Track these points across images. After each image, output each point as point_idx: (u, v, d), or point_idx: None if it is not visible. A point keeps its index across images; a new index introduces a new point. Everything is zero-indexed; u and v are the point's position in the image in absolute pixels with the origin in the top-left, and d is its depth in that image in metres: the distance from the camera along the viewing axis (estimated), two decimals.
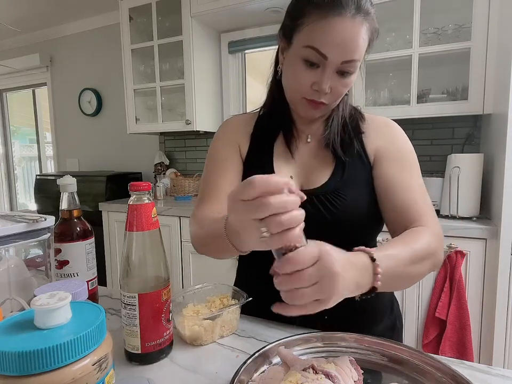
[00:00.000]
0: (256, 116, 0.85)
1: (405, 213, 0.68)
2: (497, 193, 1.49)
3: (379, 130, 0.77)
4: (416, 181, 0.72)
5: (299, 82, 0.68)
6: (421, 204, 0.69)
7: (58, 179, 0.70)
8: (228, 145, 0.81)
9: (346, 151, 0.75)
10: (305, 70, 0.66)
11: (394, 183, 0.71)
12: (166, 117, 2.50)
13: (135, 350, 0.55)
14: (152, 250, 0.56)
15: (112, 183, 2.60)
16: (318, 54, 0.63)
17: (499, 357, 1.45)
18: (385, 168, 0.73)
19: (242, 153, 0.81)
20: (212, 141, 0.85)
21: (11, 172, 3.93)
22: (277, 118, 0.80)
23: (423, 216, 0.67)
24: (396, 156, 0.74)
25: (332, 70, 0.65)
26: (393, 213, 0.71)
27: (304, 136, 0.80)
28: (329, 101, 0.70)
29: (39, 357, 0.29)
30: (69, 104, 3.31)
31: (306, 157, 0.79)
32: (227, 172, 0.78)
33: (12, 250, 0.61)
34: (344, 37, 0.62)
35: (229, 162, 0.79)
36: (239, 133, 0.83)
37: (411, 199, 0.69)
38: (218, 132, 0.86)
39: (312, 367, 0.47)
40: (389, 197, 0.71)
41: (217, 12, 2.17)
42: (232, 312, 0.65)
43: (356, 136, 0.76)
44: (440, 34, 1.82)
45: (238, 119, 0.86)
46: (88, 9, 2.88)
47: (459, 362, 0.54)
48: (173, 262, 2.17)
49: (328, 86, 0.66)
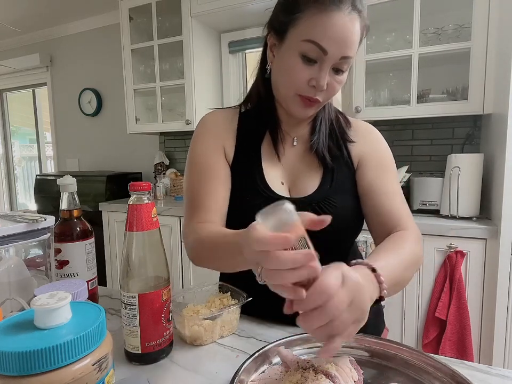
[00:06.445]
0: (238, 112, 0.81)
1: (387, 217, 0.70)
2: (497, 193, 1.49)
3: (362, 136, 0.78)
4: (395, 186, 0.74)
5: (295, 78, 0.66)
6: (401, 209, 0.71)
7: (58, 179, 0.70)
8: (212, 149, 0.76)
9: (333, 156, 0.75)
10: (302, 66, 0.65)
11: (376, 189, 0.73)
12: (166, 117, 2.50)
13: (135, 350, 0.55)
14: (152, 250, 0.56)
15: (112, 183, 2.60)
16: (318, 48, 0.62)
17: (499, 357, 1.45)
18: (368, 174, 0.75)
19: (227, 154, 0.77)
20: (193, 139, 0.79)
21: (11, 172, 3.93)
22: (264, 117, 0.78)
23: (403, 220, 0.70)
24: (377, 162, 0.76)
25: (329, 66, 0.64)
26: (376, 217, 0.72)
27: (290, 139, 0.79)
28: (324, 98, 0.69)
29: (39, 357, 0.29)
30: (69, 104, 3.30)
31: (293, 160, 0.78)
32: (215, 180, 0.74)
33: (11, 250, 0.61)
34: (343, 32, 0.61)
35: (216, 168, 0.75)
36: (222, 132, 0.78)
37: (392, 204, 0.71)
38: (199, 131, 0.79)
39: (312, 367, 0.47)
40: (371, 202, 0.73)
41: (217, 12, 2.17)
42: (232, 312, 0.65)
43: (344, 143, 0.77)
44: (440, 34, 1.82)
45: (220, 115, 0.81)
46: (88, 9, 2.88)
47: (459, 362, 0.54)
48: (173, 262, 2.17)
49: (326, 82, 0.65)
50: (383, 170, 0.75)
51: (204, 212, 0.72)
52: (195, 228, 0.70)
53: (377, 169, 0.75)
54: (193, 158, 0.79)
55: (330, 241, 0.67)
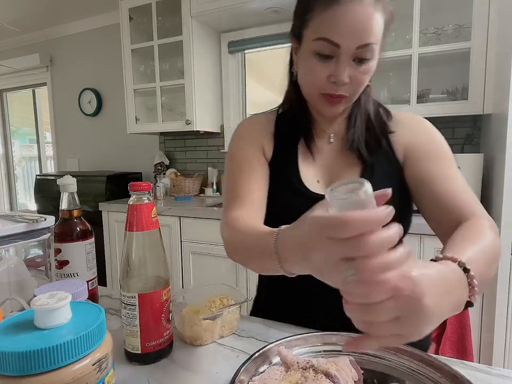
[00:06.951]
0: (275, 115, 0.82)
1: (450, 204, 0.63)
2: (497, 193, 1.49)
3: (406, 127, 0.74)
4: (454, 171, 0.67)
5: (314, 77, 0.66)
6: (466, 192, 0.64)
7: (58, 179, 0.70)
8: (252, 145, 0.78)
9: (372, 151, 0.72)
10: (319, 64, 0.64)
11: (432, 176, 0.67)
12: (166, 117, 2.50)
13: (135, 350, 0.55)
14: (152, 250, 0.56)
15: (112, 183, 2.60)
16: (330, 44, 0.61)
17: (499, 357, 1.45)
18: (418, 163, 0.69)
19: (266, 154, 0.78)
20: (231, 141, 0.81)
21: (11, 172, 3.93)
22: (297, 119, 0.78)
23: (471, 206, 0.62)
24: (428, 150, 0.70)
25: (347, 58, 0.62)
26: (436, 207, 0.66)
27: (326, 136, 0.78)
28: (350, 92, 0.67)
29: (39, 357, 0.29)
30: (69, 104, 3.30)
31: (330, 158, 0.77)
32: (254, 173, 0.74)
33: (11, 250, 0.61)
34: (354, 20, 0.59)
35: (255, 163, 0.76)
36: (262, 133, 0.80)
37: (454, 189, 0.64)
38: (239, 131, 0.82)
39: (312, 367, 0.47)
40: (429, 190, 0.67)
41: (217, 12, 2.17)
42: (232, 312, 0.65)
43: (383, 135, 0.73)
44: (440, 34, 1.82)
45: (259, 119, 0.83)
46: (88, 9, 2.88)
47: (459, 362, 0.54)
48: (173, 262, 2.17)
49: (346, 75, 0.63)
50: (437, 157, 0.69)
51: (241, 206, 0.70)
52: (229, 221, 0.68)
53: (429, 158, 0.69)
54: (232, 154, 0.79)
55: None
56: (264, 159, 0.77)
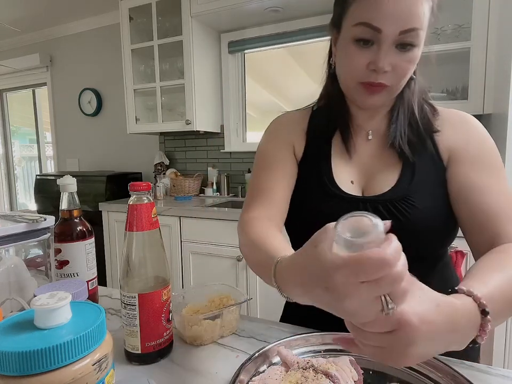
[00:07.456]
0: (310, 112, 0.78)
1: (484, 221, 0.58)
2: None
3: (455, 126, 0.67)
4: (497, 183, 0.61)
5: (353, 65, 0.61)
6: (504, 209, 0.58)
7: (58, 179, 0.69)
8: (282, 144, 0.74)
9: (414, 150, 0.66)
10: (358, 50, 0.60)
11: (471, 186, 0.61)
12: (166, 117, 2.50)
13: (135, 350, 0.55)
14: (152, 250, 0.56)
15: (112, 183, 2.60)
16: (371, 29, 0.57)
17: (499, 357, 1.45)
18: (461, 169, 0.63)
19: (297, 153, 0.74)
20: (262, 138, 0.79)
21: (11, 172, 3.93)
22: (334, 113, 0.73)
23: (507, 224, 0.57)
24: (473, 155, 0.64)
25: (389, 44, 0.58)
26: (470, 220, 0.61)
27: (364, 133, 0.72)
28: (391, 81, 0.61)
29: (39, 357, 0.29)
30: (69, 104, 3.30)
31: (368, 156, 0.71)
32: (280, 172, 0.71)
33: (11, 250, 0.61)
34: (397, 2, 0.55)
35: (282, 163, 0.72)
36: (293, 131, 0.76)
37: (492, 204, 0.59)
38: (269, 128, 0.79)
39: (312, 367, 0.47)
40: (464, 202, 0.61)
41: (217, 12, 2.17)
42: (232, 312, 0.64)
43: (427, 134, 0.67)
44: (439, 34, 1.82)
45: (291, 116, 0.79)
46: (88, 9, 2.88)
47: (459, 362, 0.54)
48: (173, 262, 2.17)
49: (388, 62, 0.58)
50: (483, 164, 0.63)
51: (260, 203, 0.68)
52: (245, 222, 0.66)
53: (473, 164, 0.63)
54: (259, 151, 0.77)
55: (414, 245, 0.56)
56: (293, 157, 0.74)
